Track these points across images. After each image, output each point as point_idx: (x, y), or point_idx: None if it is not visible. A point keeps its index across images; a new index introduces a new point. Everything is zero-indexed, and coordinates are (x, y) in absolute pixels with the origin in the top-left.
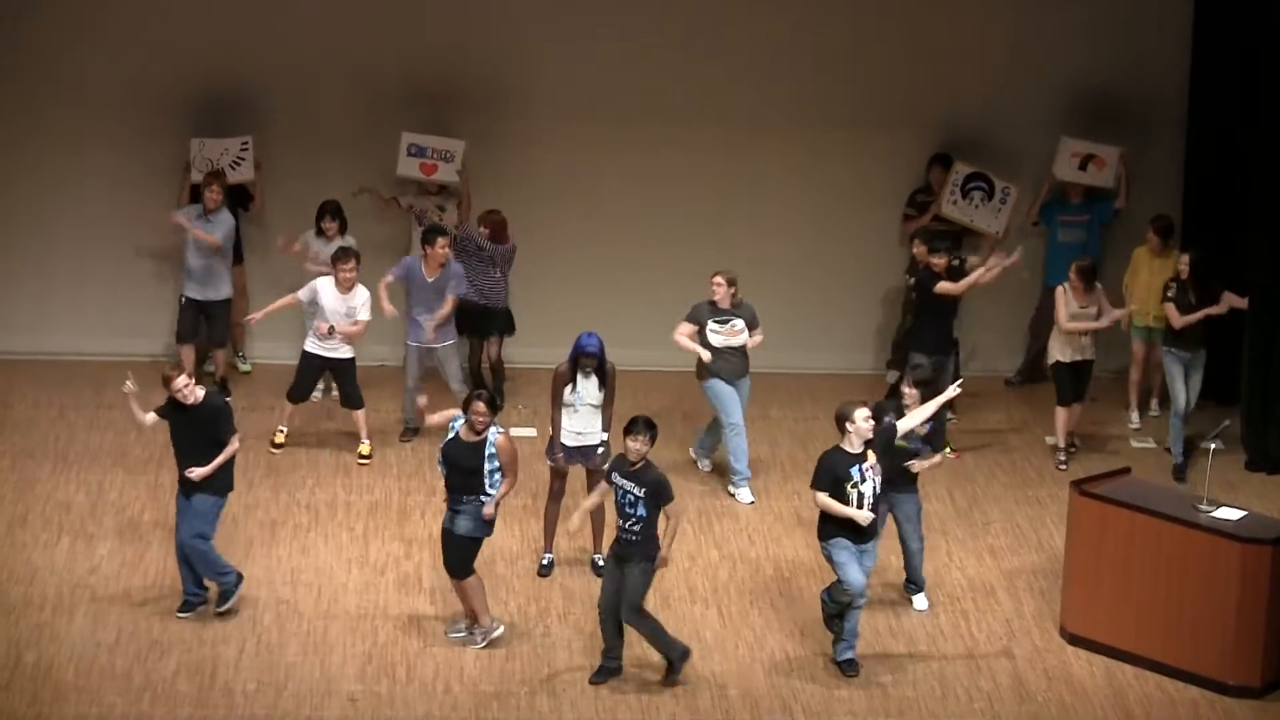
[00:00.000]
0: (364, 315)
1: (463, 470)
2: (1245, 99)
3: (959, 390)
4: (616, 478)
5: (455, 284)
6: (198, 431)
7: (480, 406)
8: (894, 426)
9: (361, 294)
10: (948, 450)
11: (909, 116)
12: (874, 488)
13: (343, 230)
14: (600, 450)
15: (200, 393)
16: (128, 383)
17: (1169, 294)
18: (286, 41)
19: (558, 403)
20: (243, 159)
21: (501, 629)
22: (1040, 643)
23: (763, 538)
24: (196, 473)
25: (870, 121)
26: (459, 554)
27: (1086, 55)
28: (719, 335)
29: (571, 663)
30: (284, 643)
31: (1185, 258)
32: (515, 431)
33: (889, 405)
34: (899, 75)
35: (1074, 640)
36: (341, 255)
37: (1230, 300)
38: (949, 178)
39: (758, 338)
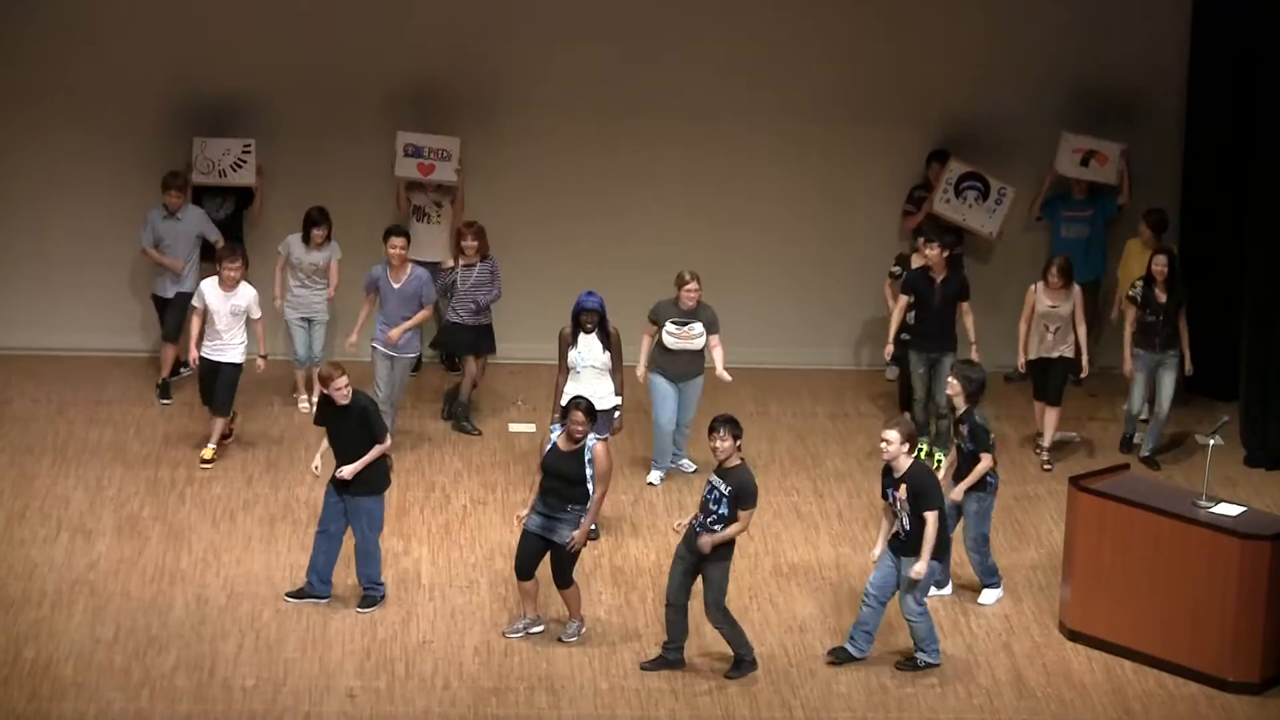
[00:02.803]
0: (255, 314)
1: (565, 479)
2: (1243, 95)
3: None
4: (711, 474)
5: (427, 291)
6: (354, 430)
7: (579, 415)
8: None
9: (247, 292)
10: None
11: (907, 113)
12: (903, 520)
13: (329, 236)
14: (616, 415)
15: (350, 393)
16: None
17: (1131, 293)
18: (286, 43)
19: (562, 366)
20: (244, 161)
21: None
22: (1039, 639)
23: (761, 533)
24: (346, 470)
25: (869, 118)
26: (560, 564)
27: (1085, 51)
28: (673, 338)
29: (570, 659)
30: (283, 638)
31: (1161, 258)
32: (514, 427)
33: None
34: (898, 72)
35: (1073, 636)
36: (228, 253)
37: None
38: (943, 175)
39: (719, 350)
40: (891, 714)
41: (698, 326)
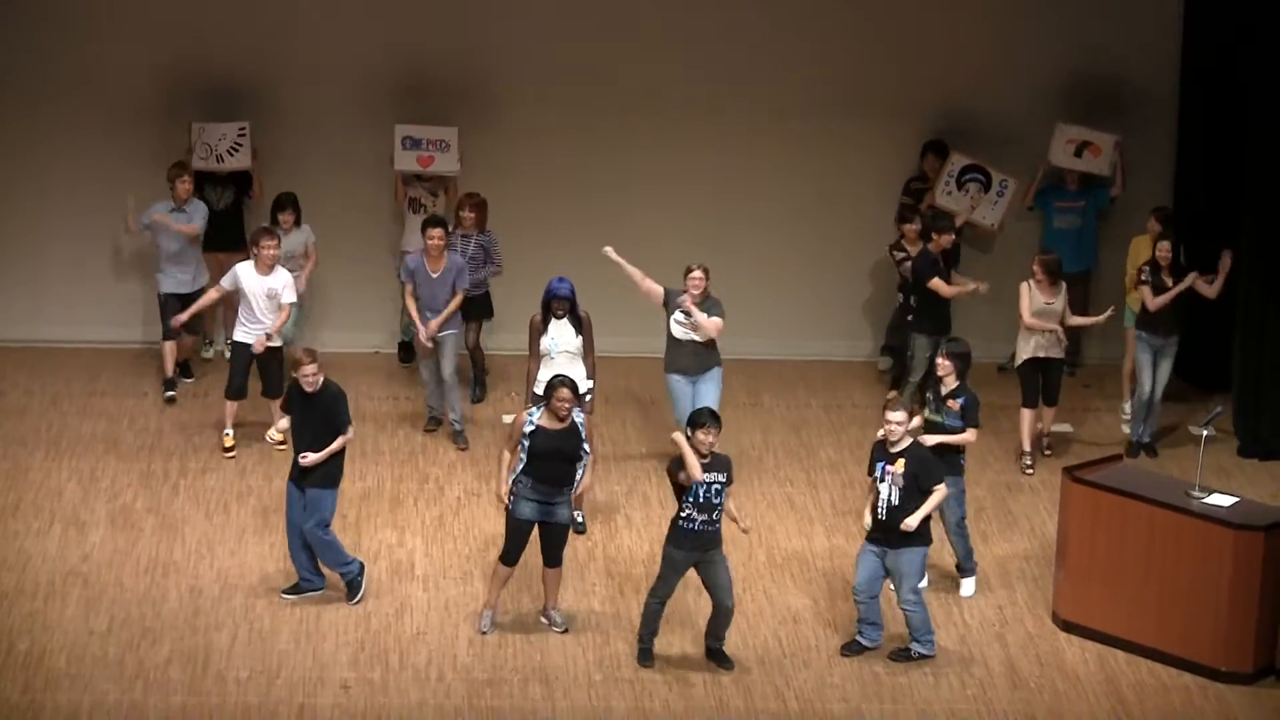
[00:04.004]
0: (288, 298)
1: (565, 458)
2: (1236, 86)
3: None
4: (705, 474)
5: (460, 278)
6: (318, 419)
7: (565, 393)
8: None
9: (283, 275)
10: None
11: (900, 105)
12: (890, 494)
13: (298, 222)
14: (588, 399)
15: (320, 381)
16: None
17: (1143, 277)
18: (283, 29)
19: (534, 353)
20: (240, 145)
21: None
22: (1033, 629)
23: (755, 524)
24: (310, 458)
25: (862, 110)
26: (555, 543)
27: (1078, 43)
28: (681, 327)
29: (564, 649)
30: (276, 630)
31: (1165, 245)
32: (507, 419)
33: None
34: (891, 64)
35: (1066, 627)
36: (264, 234)
37: (1199, 284)
38: (944, 168)
39: (714, 321)
40: (885, 705)
41: (702, 316)
